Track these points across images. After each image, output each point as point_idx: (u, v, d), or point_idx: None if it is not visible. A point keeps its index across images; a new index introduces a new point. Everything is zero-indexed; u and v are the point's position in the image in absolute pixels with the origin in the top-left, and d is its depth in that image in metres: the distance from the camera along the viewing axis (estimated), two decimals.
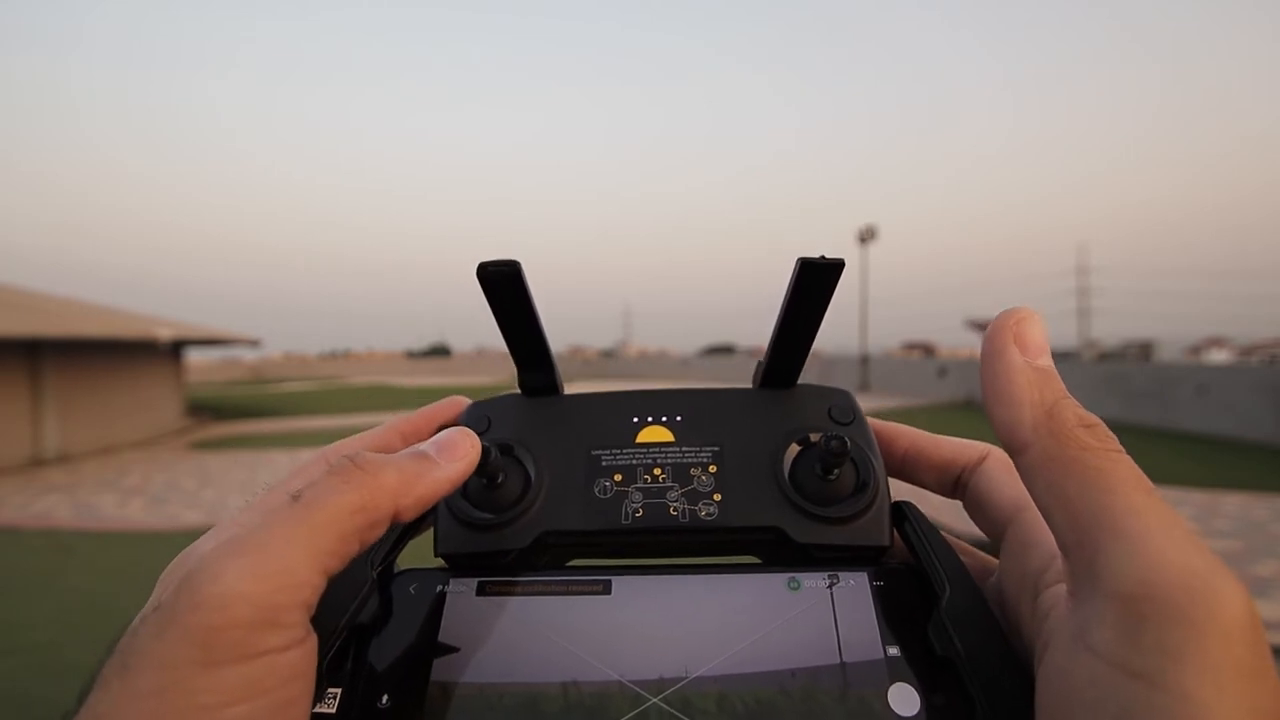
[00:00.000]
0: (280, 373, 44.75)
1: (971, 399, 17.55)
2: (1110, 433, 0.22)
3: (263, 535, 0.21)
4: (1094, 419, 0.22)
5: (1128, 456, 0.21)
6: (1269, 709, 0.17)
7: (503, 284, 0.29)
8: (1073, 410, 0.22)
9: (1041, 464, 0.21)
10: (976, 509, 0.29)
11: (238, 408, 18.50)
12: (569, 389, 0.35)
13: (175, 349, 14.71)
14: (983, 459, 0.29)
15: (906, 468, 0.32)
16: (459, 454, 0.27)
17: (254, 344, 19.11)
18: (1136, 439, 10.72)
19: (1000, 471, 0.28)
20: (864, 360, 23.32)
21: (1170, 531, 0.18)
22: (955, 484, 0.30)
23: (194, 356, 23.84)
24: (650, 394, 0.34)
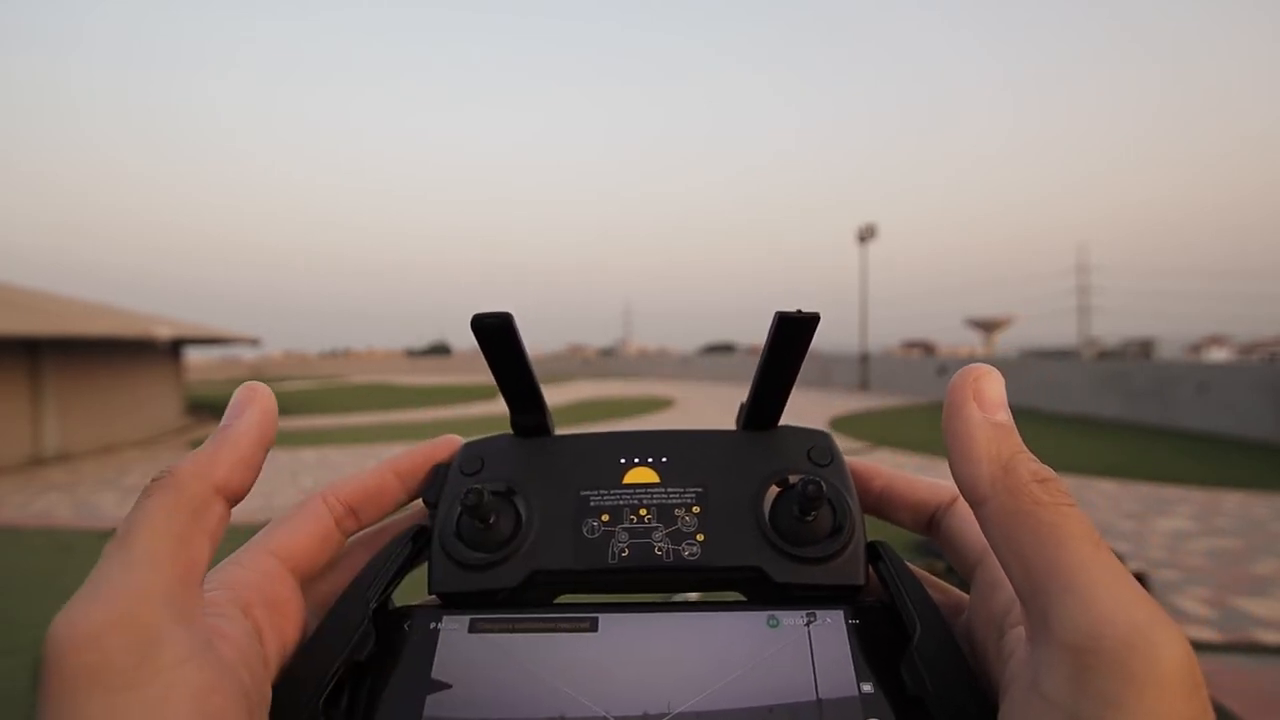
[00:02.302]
0: (280, 371, 44.75)
1: None
2: (1063, 487, 0.22)
3: (99, 572, 0.20)
4: (1048, 473, 0.23)
5: (1079, 510, 0.21)
6: None
7: (495, 334, 0.30)
8: (1027, 465, 0.23)
9: (998, 517, 0.22)
10: (948, 547, 0.30)
11: None
12: (569, 387, 0.37)
13: (175, 348, 14.72)
14: (954, 500, 0.30)
15: (882, 506, 0.33)
16: (244, 403, 0.27)
17: (254, 343, 19.11)
18: (1137, 438, 10.75)
19: (971, 513, 0.29)
20: (864, 359, 23.32)
21: (1116, 585, 0.19)
22: (929, 523, 0.31)
23: (194, 355, 23.84)
24: (637, 435, 0.35)
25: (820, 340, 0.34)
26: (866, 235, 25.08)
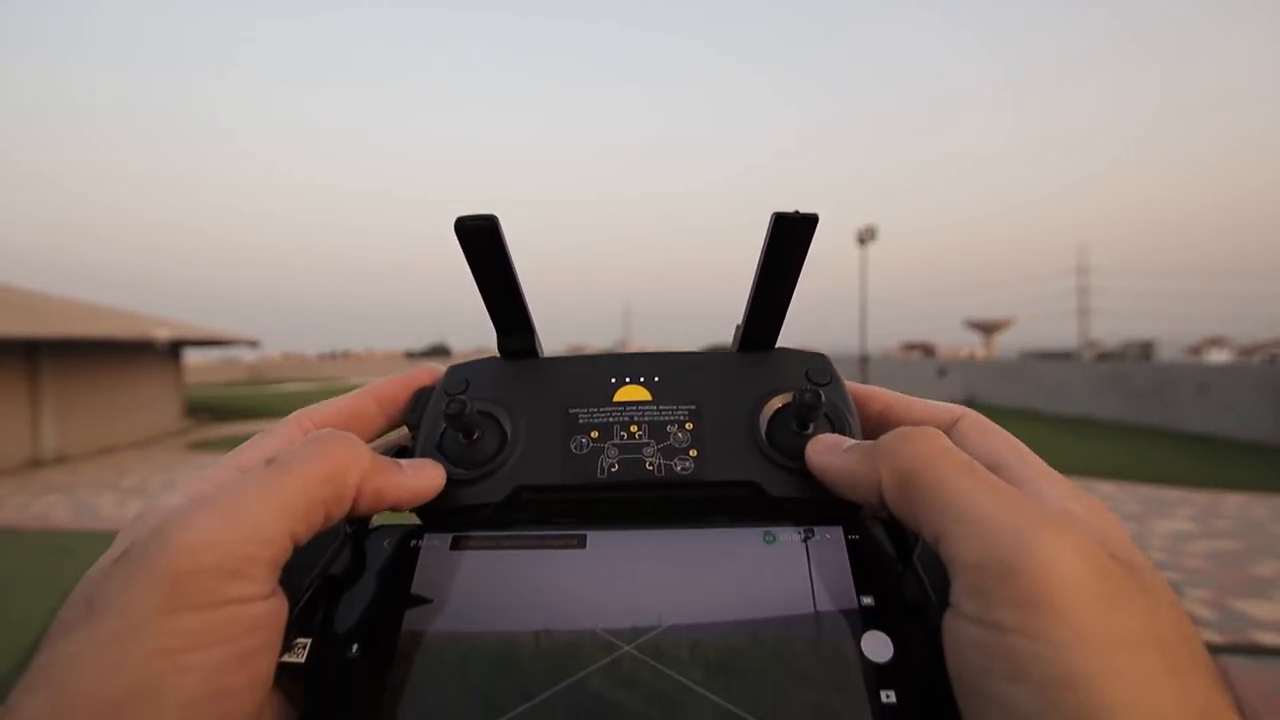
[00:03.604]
0: (279, 373, 44.69)
1: (972, 398, 17.54)
2: (927, 430, 0.25)
3: (236, 492, 0.22)
4: (907, 431, 0.25)
5: (946, 449, 0.24)
6: (1133, 630, 0.19)
7: (480, 239, 0.29)
8: (883, 442, 0.25)
9: (890, 497, 0.25)
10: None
11: (237, 408, 18.48)
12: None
13: (174, 349, 14.69)
14: (955, 421, 0.30)
15: (881, 428, 0.33)
16: (425, 475, 0.28)
17: (253, 344, 19.08)
18: (1137, 439, 10.74)
19: (973, 432, 0.29)
20: (864, 360, 23.31)
21: (1001, 499, 0.22)
22: None
23: (193, 357, 23.82)
24: (629, 356, 0.34)
25: (820, 341, 0.33)
26: (866, 237, 25.07)
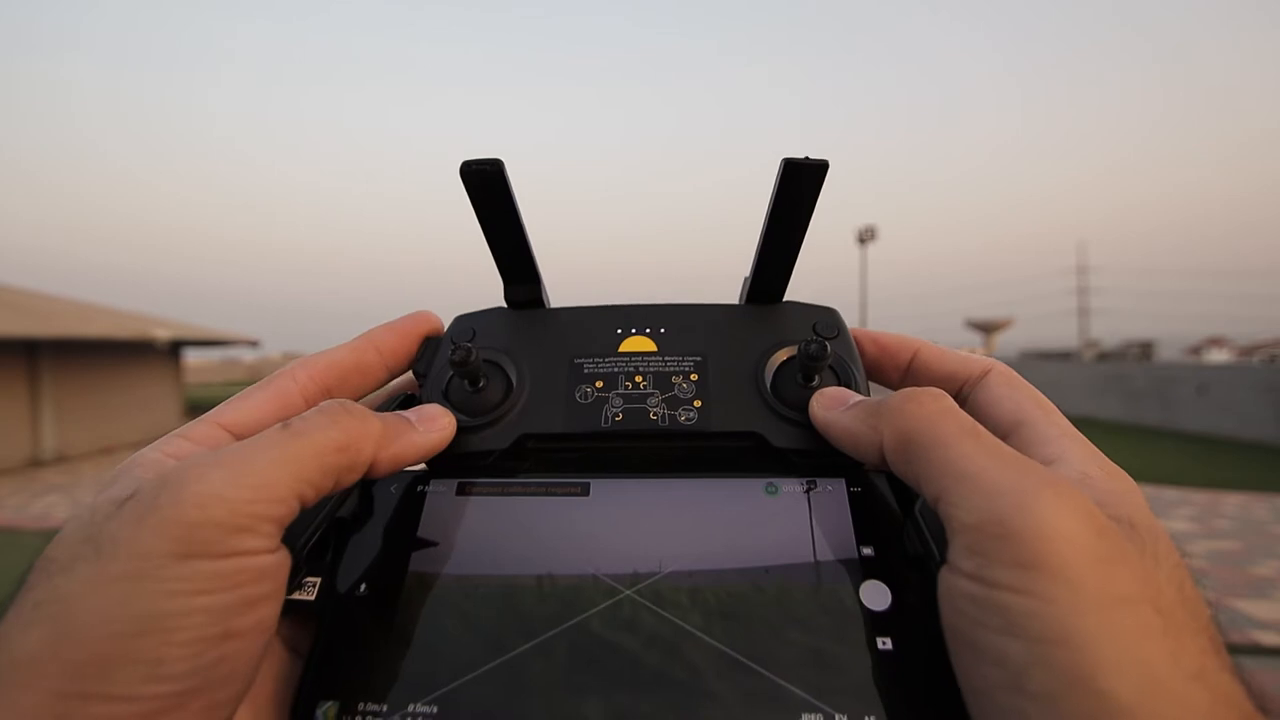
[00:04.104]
0: None
1: None
2: (933, 391, 0.25)
3: (249, 450, 0.22)
4: (909, 392, 0.25)
5: (950, 409, 0.24)
6: (1130, 590, 0.19)
7: (486, 183, 0.28)
8: (888, 402, 0.26)
9: (893, 455, 0.25)
10: (978, 420, 0.30)
11: None
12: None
13: (174, 349, 14.69)
14: (985, 374, 0.30)
15: (910, 379, 0.33)
16: (436, 426, 0.28)
17: (253, 344, 19.08)
18: (1137, 439, 10.73)
19: (1001, 386, 0.29)
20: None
21: (1001, 462, 0.22)
22: (957, 396, 0.31)
23: (193, 357, 23.80)
24: (634, 308, 0.34)
25: None
26: (866, 237, 25.06)
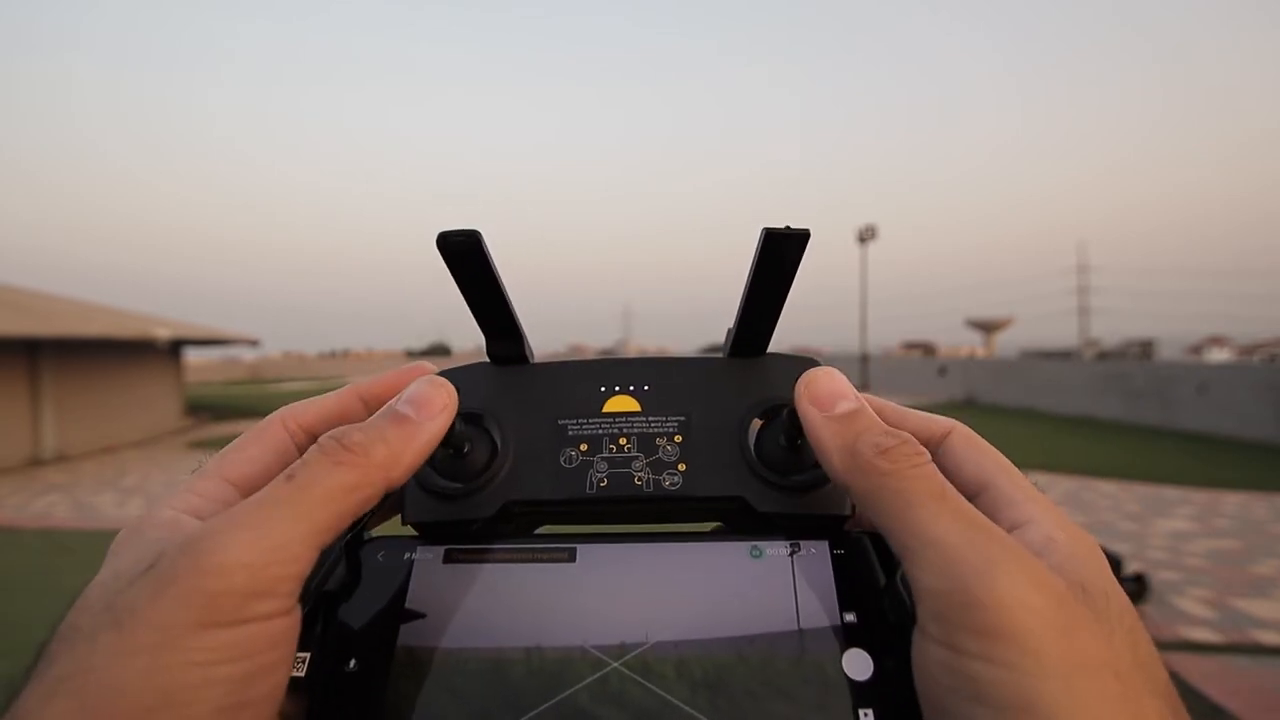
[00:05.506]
0: (279, 372, 44.70)
1: (972, 397, 17.54)
2: (909, 450, 0.25)
3: (262, 510, 0.22)
4: (891, 441, 0.25)
5: (925, 466, 0.24)
6: (1090, 657, 0.20)
7: (463, 254, 0.29)
8: (869, 442, 0.25)
9: (861, 499, 0.25)
10: None
11: (237, 407, 18.48)
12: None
13: (174, 348, 14.69)
14: (946, 434, 0.30)
15: None
16: (436, 407, 0.27)
17: (253, 343, 19.09)
18: (1137, 438, 10.74)
19: (962, 448, 0.29)
20: (864, 359, 23.30)
21: (966, 529, 0.22)
22: None
23: (193, 356, 23.82)
24: (618, 363, 0.34)
25: (820, 340, 0.33)
26: (867, 236, 25.05)
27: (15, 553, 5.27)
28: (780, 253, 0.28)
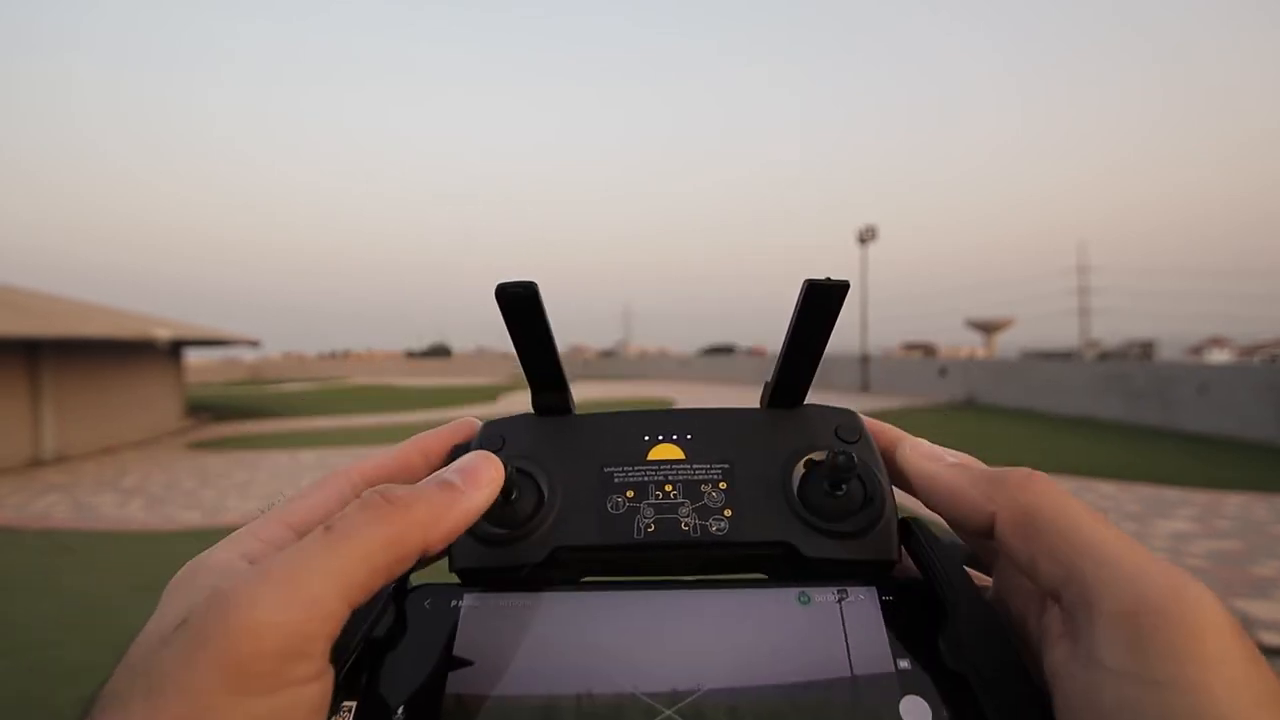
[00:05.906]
0: (279, 373, 44.73)
1: (972, 398, 17.53)
2: (1043, 475, 0.25)
3: (294, 564, 0.21)
4: (1028, 470, 0.25)
5: (1063, 487, 0.24)
6: (1271, 690, 0.19)
7: (521, 305, 0.29)
8: (1010, 473, 0.25)
9: (1010, 526, 0.24)
10: (958, 527, 0.30)
11: (237, 408, 18.49)
12: (571, 389, 0.36)
13: (174, 349, 14.71)
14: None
15: (899, 480, 0.33)
16: (483, 480, 0.27)
17: (253, 344, 19.10)
18: (1137, 439, 10.72)
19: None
20: (864, 360, 23.29)
21: (1138, 552, 0.21)
22: None
23: (193, 357, 23.81)
24: (661, 413, 0.34)
25: None
26: (867, 236, 25.06)
27: (15, 553, 5.27)
28: (821, 303, 0.29)
